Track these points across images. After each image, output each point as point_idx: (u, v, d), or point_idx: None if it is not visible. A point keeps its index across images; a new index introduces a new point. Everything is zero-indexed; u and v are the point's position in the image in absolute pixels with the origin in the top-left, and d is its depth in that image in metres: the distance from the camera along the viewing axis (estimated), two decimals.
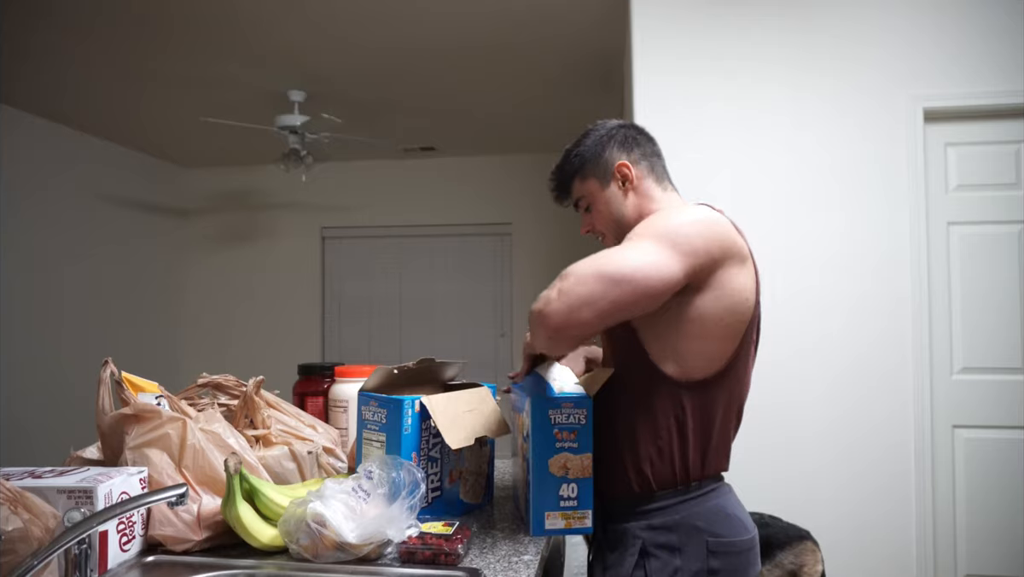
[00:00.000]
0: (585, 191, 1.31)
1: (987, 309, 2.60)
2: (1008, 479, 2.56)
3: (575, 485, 1.14)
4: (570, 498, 1.14)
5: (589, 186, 1.30)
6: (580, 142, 1.33)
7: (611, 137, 1.30)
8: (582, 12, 3.10)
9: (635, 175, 1.27)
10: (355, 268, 5.97)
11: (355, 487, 1.09)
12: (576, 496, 1.14)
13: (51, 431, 4.38)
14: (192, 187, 6.06)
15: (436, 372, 1.45)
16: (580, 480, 1.14)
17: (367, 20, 3.20)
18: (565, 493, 1.14)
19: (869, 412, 2.60)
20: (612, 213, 1.29)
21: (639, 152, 1.30)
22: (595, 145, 1.30)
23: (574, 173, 1.32)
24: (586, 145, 1.31)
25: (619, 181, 1.28)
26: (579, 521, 1.15)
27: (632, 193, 1.28)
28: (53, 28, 3.24)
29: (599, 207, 1.30)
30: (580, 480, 1.14)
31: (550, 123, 4.77)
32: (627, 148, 1.30)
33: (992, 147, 2.62)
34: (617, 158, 1.28)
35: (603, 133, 1.31)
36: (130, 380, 1.26)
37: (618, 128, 1.32)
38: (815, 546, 2.09)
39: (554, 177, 1.36)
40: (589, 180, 1.30)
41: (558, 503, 1.14)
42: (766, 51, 2.71)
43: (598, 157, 1.29)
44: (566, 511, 1.14)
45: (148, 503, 0.92)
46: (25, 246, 4.40)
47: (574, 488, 1.14)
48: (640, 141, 1.31)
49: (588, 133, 1.33)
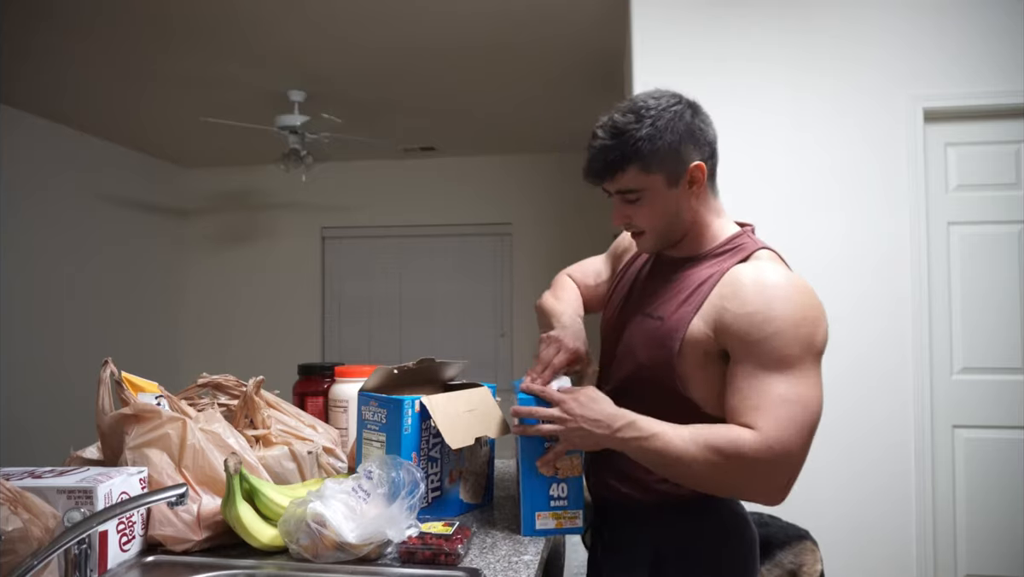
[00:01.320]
0: (645, 184, 1.11)
1: (987, 309, 2.60)
2: (1008, 479, 2.56)
3: (565, 485, 1.15)
4: (560, 498, 1.15)
5: (652, 181, 1.11)
6: (640, 120, 1.09)
7: (688, 129, 1.11)
8: (582, 12, 3.10)
9: (705, 179, 1.14)
10: (355, 268, 5.97)
11: (355, 487, 1.09)
12: (566, 496, 1.15)
13: (51, 431, 4.37)
14: (192, 187, 6.06)
15: (436, 372, 1.45)
16: (570, 480, 1.15)
17: (367, 20, 3.20)
18: (555, 493, 1.14)
19: (869, 412, 2.59)
20: (669, 215, 1.14)
21: (709, 148, 1.14)
22: (668, 132, 1.09)
23: (634, 159, 1.09)
24: (655, 128, 1.08)
25: (687, 183, 1.12)
26: (570, 521, 1.15)
27: (696, 198, 1.15)
28: (53, 28, 3.24)
29: (656, 204, 1.13)
30: (570, 480, 1.15)
31: (550, 123, 4.77)
32: (700, 143, 1.12)
33: (992, 147, 2.62)
34: (693, 157, 1.11)
35: (675, 116, 1.10)
36: (130, 380, 1.26)
37: (689, 113, 1.12)
38: (814, 546, 2.09)
39: (601, 156, 1.12)
40: (655, 174, 1.10)
41: (548, 503, 1.14)
42: (766, 51, 2.71)
43: (674, 152, 1.10)
44: (556, 511, 1.15)
45: (148, 503, 0.92)
46: (25, 246, 4.40)
47: (564, 488, 1.15)
48: (708, 133, 1.14)
49: (650, 111, 1.10)
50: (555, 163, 5.53)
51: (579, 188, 4.98)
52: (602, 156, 1.11)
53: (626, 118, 1.10)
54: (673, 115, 1.10)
